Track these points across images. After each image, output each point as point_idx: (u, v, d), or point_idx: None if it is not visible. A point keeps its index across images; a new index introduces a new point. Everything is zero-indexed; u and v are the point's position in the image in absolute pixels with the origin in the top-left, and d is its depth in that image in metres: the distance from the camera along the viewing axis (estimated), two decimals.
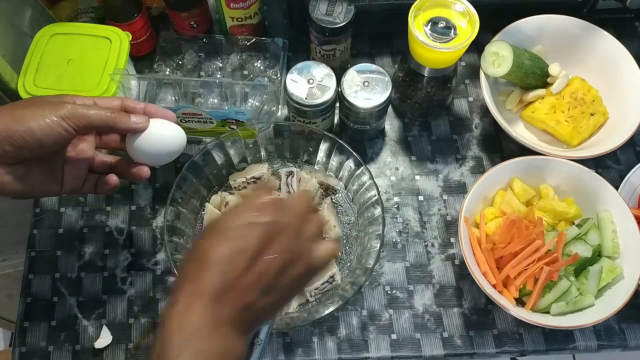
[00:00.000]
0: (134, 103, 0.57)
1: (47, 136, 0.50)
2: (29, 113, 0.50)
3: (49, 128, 0.50)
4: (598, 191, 0.69)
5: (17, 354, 0.67)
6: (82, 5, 0.81)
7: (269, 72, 0.80)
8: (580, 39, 0.78)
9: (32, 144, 0.50)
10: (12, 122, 0.49)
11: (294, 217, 0.46)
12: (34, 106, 0.51)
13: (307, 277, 0.47)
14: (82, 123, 0.51)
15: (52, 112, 0.50)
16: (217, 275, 0.42)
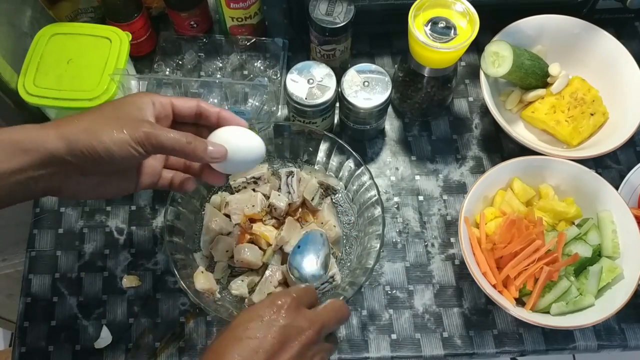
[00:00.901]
0: (208, 106, 0.55)
1: (120, 156, 0.48)
2: (106, 129, 0.48)
3: (123, 149, 0.48)
4: (598, 191, 0.69)
5: (17, 354, 0.67)
6: (82, 5, 0.81)
7: (269, 72, 0.80)
8: (580, 39, 0.78)
9: (104, 159, 0.48)
10: (87, 135, 0.48)
11: (312, 324, 0.47)
12: (112, 121, 0.49)
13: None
14: (157, 148, 0.50)
15: (129, 132, 0.48)
16: None
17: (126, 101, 0.52)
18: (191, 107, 0.55)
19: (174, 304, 0.70)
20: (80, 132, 0.47)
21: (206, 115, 0.55)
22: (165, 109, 0.53)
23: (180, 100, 0.54)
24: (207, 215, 0.70)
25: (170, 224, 0.65)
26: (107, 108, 0.51)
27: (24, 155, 0.46)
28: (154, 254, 0.73)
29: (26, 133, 0.47)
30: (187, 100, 0.55)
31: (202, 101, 0.56)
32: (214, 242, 0.68)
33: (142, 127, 0.48)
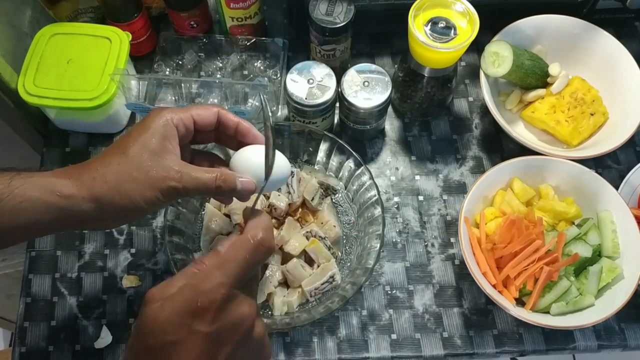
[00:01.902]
0: (228, 117, 0.53)
1: (150, 209, 0.49)
2: (137, 188, 0.47)
3: (154, 204, 0.48)
4: (598, 191, 0.69)
5: (17, 354, 0.67)
6: (82, 5, 0.81)
7: (269, 72, 0.80)
8: (580, 39, 0.78)
9: (133, 214, 0.49)
10: (119, 196, 0.47)
11: (241, 321, 0.41)
12: (141, 175, 0.47)
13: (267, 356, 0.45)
14: (186, 195, 0.50)
15: (158, 187, 0.47)
16: None
17: (150, 140, 0.48)
18: (212, 119, 0.53)
19: None
20: (110, 192, 0.47)
21: (225, 125, 0.53)
22: (188, 128, 0.51)
23: (201, 112, 0.52)
24: (207, 215, 0.70)
25: (170, 224, 0.65)
26: (132, 153, 0.48)
27: (55, 212, 0.47)
28: (154, 254, 0.73)
29: (58, 191, 0.47)
30: (207, 109, 0.52)
31: (222, 109, 0.53)
32: (214, 242, 0.68)
33: (169, 180, 0.48)
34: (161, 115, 0.50)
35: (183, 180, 0.48)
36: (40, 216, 0.47)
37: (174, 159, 0.49)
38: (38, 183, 0.47)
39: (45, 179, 0.47)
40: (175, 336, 0.38)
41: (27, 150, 0.85)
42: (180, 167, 0.49)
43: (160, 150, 0.48)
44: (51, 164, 0.77)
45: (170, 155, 0.49)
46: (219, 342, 0.39)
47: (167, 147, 0.49)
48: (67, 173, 0.48)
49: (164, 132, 0.49)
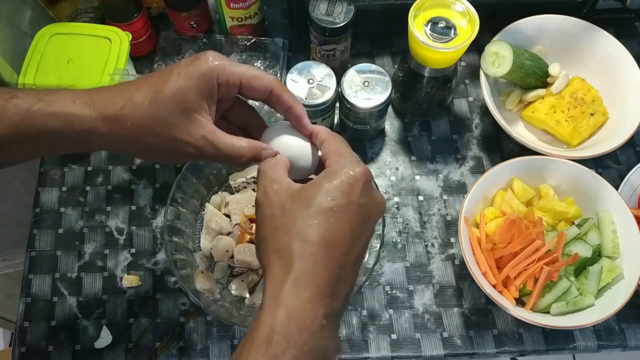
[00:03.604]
0: (282, 95, 0.48)
1: (160, 159, 0.51)
2: (150, 134, 0.46)
3: (163, 157, 0.49)
4: (598, 191, 0.69)
5: (17, 354, 0.67)
6: (82, 5, 0.81)
7: (269, 72, 0.80)
8: (580, 39, 0.78)
9: (143, 155, 0.49)
10: (128, 132, 0.45)
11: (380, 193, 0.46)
12: (158, 126, 0.45)
13: None
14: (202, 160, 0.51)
15: (172, 145, 0.46)
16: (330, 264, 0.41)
17: (188, 93, 0.45)
18: (261, 95, 0.48)
19: (174, 304, 0.70)
20: (130, 135, 0.45)
21: (275, 103, 0.49)
22: (231, 92, 0.47)
23: (253, 83, 0.47)
24: (207, 215, 0.70)
25: (170, 224, 0.65)
26: (164, 99, 0.45)
27: (69, 141, 0.46)
28: (154, 254, 0.73)
29: (78, 127, 0.45)
30: (261, 81, 0.47)
31: (277, 86, 0.48)
32: (214, 242, 0.68)
33: (190, 147, 0.46)
34: (211, 68, 0.45)
35: (204, 150, 0.46)
36: (54, 144, 0.46)
37: (204, 123, 0.46)
38: (59, 115, 0.44)
39: (68, 110, 0.45)
40: (337, 202, 0.42)
41: None
42: (207, 134, 0.46)
43: (193, 108, 0.45)
44: (51, 164, 0.77)
45: (202, 117, 0.46)
46: (366, 216, 0.44)
47: (201, 107, 0.46)
48: (91, 104, 0.45)
49: (205, 90, 0.46)
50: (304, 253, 0.41)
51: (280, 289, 0.40)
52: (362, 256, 0.45)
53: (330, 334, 0.41)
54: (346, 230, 0.42)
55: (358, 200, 0.43)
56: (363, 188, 0.43)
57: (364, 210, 0.43)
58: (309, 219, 0.41)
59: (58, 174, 0.77)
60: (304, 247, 0.41)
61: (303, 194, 0.43)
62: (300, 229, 0.41)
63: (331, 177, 0.43)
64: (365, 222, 0.44)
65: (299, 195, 0.43)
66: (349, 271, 0.43)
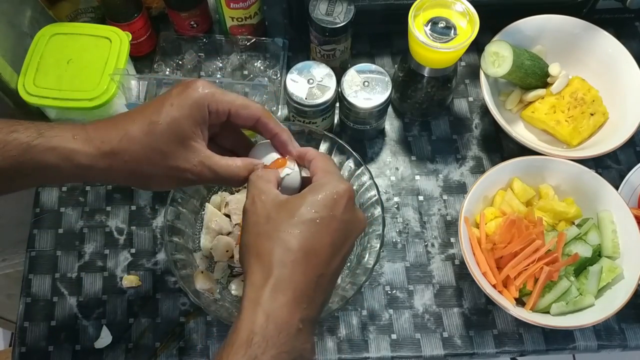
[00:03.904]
0: (268, 124, 0.51)
1: (158, 188, 0.52)
2: (148, 164, 0.47)
3: (162, 186, 0.51)
4: (598, 191, 0.69)
5: (17, 354, 0.67)
6: (82, 5, 0.81)
7: (269, 72, 0.80)
8: (580, 39, 0.78)
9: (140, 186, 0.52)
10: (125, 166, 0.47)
11: (362, 213, 0.49)
12: (156, 156, 0.47)
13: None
14: (199, 184, 0.51)
15: (170, 173, 0.48)
16: (309, 271, 0.42)
17: (182, 123, 0.46)
18: (248, 123, 0.50)
19: (174, 304, 0.70)
20: (127, 169, 0.47)
21: (262, 131, 0.51)
22: (220, 118, 0.49)
23: (241, 113, 0.49)
24: (207, 215, 0.70)
25: (170, 224, 0.65)
26: (160, 131, 0.46)
27: (67, 176, 0.48)
28: (154, 254, 0.73)
29: (76, 162, 0.46)
30: (249, 110, 0.49)
31: (264, 116, 0.50)
32: (214, 242, 0.68)
33: (188, 173, 0.48)
34: (202, 97, 0.47)
35: (202, 175, 0.48)
36: (53, 177, 0.48)
37: (200, 149, 0.48)
38: (59, 150, 0.46)
39: (67, 146, 0.46)
40: (320, 214, 0.44)
41: None
42: (203, 159, 0.48)
43: (188, 136, 0.47)
44: None
45: (197, 144, 0.48)
46: (347, 231, 0.46)
47: (196, 134, 0.47)
48: (89, 140, 0.46)
49: (199, 117, 0.47)
50: (284, 259, 0.42)
51: (260, 293, 0.41)
52: (340, 270, 0.47)
53: (307, 337, 0.43)
54: (326, 242, 0.44)
55: (340, 215, 0.45)
56: (346, 204, 0.45)
57: (345, 226, 0.45)
58: (292, 228, 0.43)
59: None
60: (285, 254, 0.42)
61: (288, 204, 0.45)
62: (282, 237, 0.43)
63: (316, 191, 0.45)
64: (345, 237, 0.46)
65: (284, 206, 0.45)
66: (327, 281, 0.45)
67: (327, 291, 0.46)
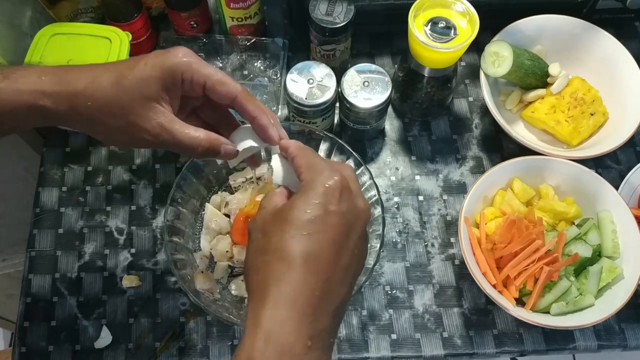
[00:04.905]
0: (246, 105, 0.49)
1: (118, 142, 0.50)
2: (109, 116, 0.46)
3: (121, 142, 0.49)
4: (598, 191, 0.69)
5: (17, 354, 0.67)
6: (82, 5, 0.81)
7: (269, 72, 0.80)
8: (580, 39, 0.78)
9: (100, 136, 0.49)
10: (88, 112, 0.46)
11: (363, 199, 0.44)
12: (118, 110, 0.46)
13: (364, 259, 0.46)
14: (160, 148, 0.49)
15: (130, 130, 0.47)
16: (310, 278, 0.39)
17: (150, 84, 0.46)
18: (225, 98, 0.49)
19: (174, 304, 0.70)
20: (89, 116, 0.46)
21: (240, 112, 0.50)
22: (195, 90, 0.48)
23: (216, 85, 0.48)
24: (207, 215, 0.70)
25: (170, 224, 0.65)
26: (127, 85, 0.46)
27: (32, 115, 0.46)
28: (154, 254, 0.73)
29: (42, 105, 0.45)
30: (224, 85, 0.48)
31: (242, 96, 0.49)
32: (214, 242, 0.68)
33: (145, 133, 0.46)
34: (178, 63, 0.46)
35: (160, 138, 0.47)
36: (21, 122, 0.47)
37: (162, 112, 0.47)
38: (25, 92, 0.45)
39: (33, 87, 0.45)
40: (311, 216, 0.41)
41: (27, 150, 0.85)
42: (164, 122, 0.46)
43: (153, 97, 0.46)
44: (51, 164, 0.77)
45: (161, 106, 0.47)
46: (348, 223, 0.42)
47: (162, 98, 0.47)
48: (56, 82, 0.46)
49: (169, 82, 0.46)
50: (281, 271, 0.39)
51: (259, 312, 0.38)
52: (352, 266, 0.43)
53: (319, 355, 0.38)
54: (326, 241, 0.40)
55: (336, 208, 0.41)
56: (340, 196, 0.42)
57: (344, 218, 0.42)
58: (286, 236, 0.40)
59: (58, 174, 0.77)
60: (282, 266, 0.39)
61: (281, 212, 0.42)
62: (277, 248, 0.40)
63: (305, 191, 0.42)
64: (348, 230, 0.42)
65: (277, 215, 0.42)
66: (336, 284, 0.41)
67: (341, 295, 0.41)
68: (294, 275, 0.39)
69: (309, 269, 0.39)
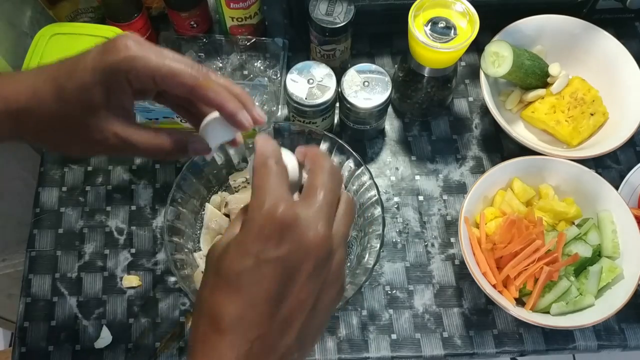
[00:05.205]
0: (207, 93, 0.42)
1: (78, 155, 0.47)
2: (59, 131, 0.42)
3: (81, 155, 0.46)
4: (598, 191, 0.69)
5: (17, 354, 0.67)
6: (82, 5, 0.81)
7: (269, 72, 0.80)
8: (580, 39, 0.78)
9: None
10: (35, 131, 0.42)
11: (314, 233, 0.35)
12: (65, 125, 0.42)
13: (339, 299, 0.38)
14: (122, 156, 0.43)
15: (85, 145, 0.43)
16: (237, 340, 0.34)
17: (93, 90, 0.40)
18: (181, 90, 0.42)
19: (174, 304, 0.70)
20: (38, 135, 0.42)
21: (203, 102, 0.43)
22: (146, 85, 0.42)
23: (167, 78, 0.41)
24: (207, 215, 0.70)
25: (170, 224, 0.65)
26: (68, 97, 0.40)
27: None
28: (154, 254, 0.73)
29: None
30: (176, 77, 0.41)
31: (201, 83, 0.42)
32: (214, 242, 0.68)
33: (102, 145, 0.42)
34: (119, 62, 0.40)
35: (118, 148, 0.42)
36: None
37: (114, 120, 0.42)
38: None
39: None
40: (241, 267, 0.34)
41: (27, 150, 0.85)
42: (119, 131, 0.42)
43: (101, 105, 0.41)
44: (51, 164, 0.77)
45: (110, 113, 0.41)
46: (289, 270, 0.34)
47: (110, 103, 0.41)
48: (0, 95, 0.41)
49: (115, 86, 0.41)
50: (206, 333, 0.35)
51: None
52: (298, 314, 0.35)
53: None
54: (257, 297, 0.34)
55: (273, 255, 0.34)
56: (281, 237, 0.34)
57: (282, 265, 0.34)
58: (215, 292, 0.35)
59: (58, 174, 0.77)
60: (207, 325, 0.35)
61: (225, 251, 0.36)
62: (206, 303, 0.36)
63: (242, 229, 0.36)
64: (288, 277, 0.34)
65: (220, 255, 0.36)
66: (274, 338, 0.35)
67: (286, 345, 0.35)
68: (218, 338, 0.34)
69: (234, 332, 0.34)
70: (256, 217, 0.35)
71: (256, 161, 0.38)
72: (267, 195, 0.35)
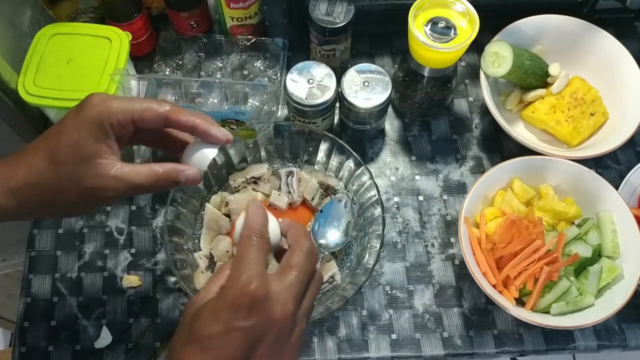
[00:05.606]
0: (180, 117, 0.48)
1: (79, 214, 0.52)
2: (59, 193, 0.46)
3: (82, 212, 0.49)
4: (598, 191, 0.69)
5: (17, 354, 0.67)
6: (82, 5, 0.81)
7: (269, 72, 0.80)
8: (580, 39, 0.78)
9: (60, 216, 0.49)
10: (36, 201, 0.46)
11: (281, 309, 0.40)
12: (65, 184, 0.45)
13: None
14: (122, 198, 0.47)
15: (86, 197, 0.46)
16: None
17: (83, 144, 0.45)
18: (157, 122, 0.47)
19: (174, 304, 0.70)
20: (40, 204, 0.46)
21: (178, 128, 0.49)
22: (126, 129, 0.47)
23: (143, 114, 0.46)
24: (207, 215, 0.70)
25: (170, 224, 0.65)
26: (62, 160, 0.45)
27: None
28: (154, 254, 0.73)
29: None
30: (150, 110, 0.47)
31: (172, 110, 0.47)
32: (214, 242, 0.68)
33: (103, 191, 0.45)
34: (98, 113, 0.45)
35: (120, 190, 0.46)
36: None
37: (110, 164, 0.46)
38: None
39: None
40: (212, 330, 0.39)
41: None
42: (116, 174, 0.45)
43: (94, 154, 0.45)
44: None
45: (105, 160, 0.45)
46: (253, 339, 0.39)
47: (102, 151, 0.45)
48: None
49: (101, 134, 0.45)
50: None
51: None
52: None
53: None
54: (222, 357, 0.39)
55: (242, 324, 0.39)
56: (251, 309, 0.39)
57: (248, 334, 0.39)
58: (186, 347, 0.40)
59: None
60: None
61: (194, 317, 0.40)
62: (172, 351, 0.40)
63: (218, 295, 0.41)
64: (252, 345, 0.39)
65: (191, 318, 0.41)
66: None
67: None
68: None
69: None
70: (232, 287, 0.40)
71: (243, 232, 0.44)
72: (244, 269, 0.40)
